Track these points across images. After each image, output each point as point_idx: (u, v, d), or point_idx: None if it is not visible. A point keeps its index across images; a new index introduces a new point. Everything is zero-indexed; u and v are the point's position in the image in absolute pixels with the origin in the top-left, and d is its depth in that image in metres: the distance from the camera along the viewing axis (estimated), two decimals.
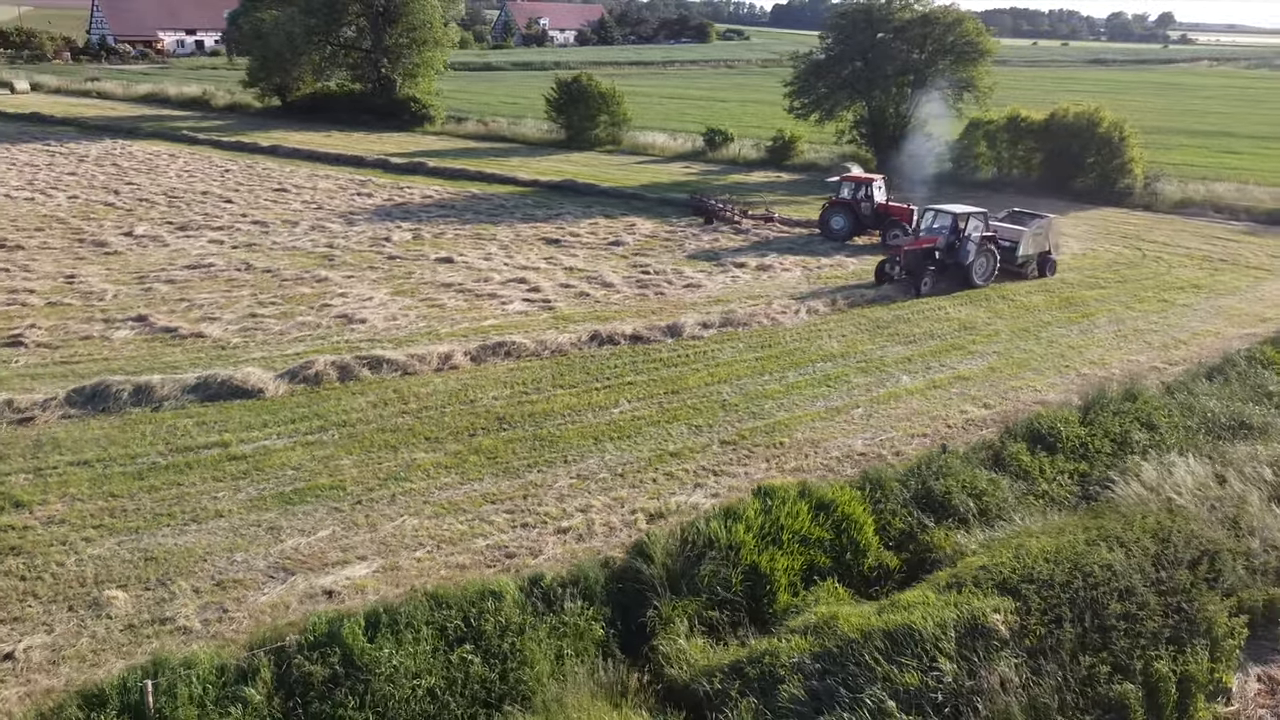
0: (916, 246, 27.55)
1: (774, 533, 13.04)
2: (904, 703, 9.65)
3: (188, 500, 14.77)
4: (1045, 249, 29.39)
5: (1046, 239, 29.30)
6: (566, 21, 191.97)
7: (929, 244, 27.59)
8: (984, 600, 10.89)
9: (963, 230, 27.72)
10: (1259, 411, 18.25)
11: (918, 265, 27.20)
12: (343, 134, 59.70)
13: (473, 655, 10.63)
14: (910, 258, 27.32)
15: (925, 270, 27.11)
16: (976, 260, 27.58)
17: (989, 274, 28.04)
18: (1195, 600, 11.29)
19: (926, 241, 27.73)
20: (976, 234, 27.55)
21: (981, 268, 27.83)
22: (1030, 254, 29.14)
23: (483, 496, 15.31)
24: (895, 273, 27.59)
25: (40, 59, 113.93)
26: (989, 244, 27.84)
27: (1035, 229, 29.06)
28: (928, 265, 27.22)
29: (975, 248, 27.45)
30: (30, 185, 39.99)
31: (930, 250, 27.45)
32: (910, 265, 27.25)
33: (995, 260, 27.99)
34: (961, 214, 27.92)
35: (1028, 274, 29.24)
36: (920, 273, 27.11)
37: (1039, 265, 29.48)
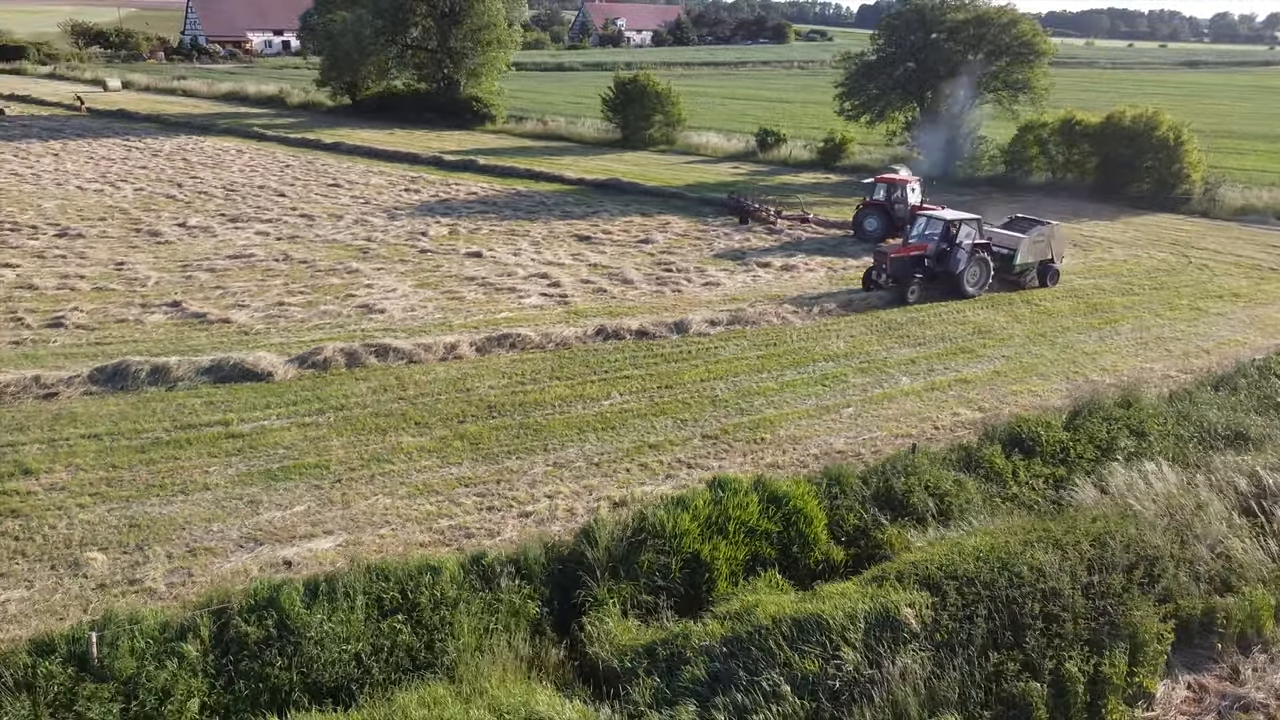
0: (904, 253, 26.69)
1: (720, 523, 13.29)
2: (800, 687, 9.87)
3: (180, 473, 15.67)
4: (1047, 257, 28.32)
5: (1048, 247, 28.23)
6: (644, 22, 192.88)
7: (918, 251, 26.78)
8: (901, 594, 11.00)
9: (954, 237, 26.78)
10: (1260, 422, 17.77)
11: (904, 273, 26.34)
12: (405, 132, 61.34)
13: (403, 625, 11.16)
14: (897, 265, 26.42)
15: (912, 278, 26.25)
16: (968, 269, 26.58)
17: (982, 283, 27.01)
18: (1124, 605, 11.21)
19: (916, 248, 26.90)
20: (968, 241, 26.64)
21: (974, 276, 26.82)
22: (1029, 262, 27.98)
23: (458, 480, 15.88)
24: (881, 280, 26.75)
25: (136, 58, 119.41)
26: (982, 252, 26.81)
27: (1035, 236, 27.90)
28: (914, 273, 26.36)
29: (967, 255, 26.48)
30: (103, 178, 42.18)
31: (919, 258, 26.63)
32: (897, 272, 26.37)
33: (989, 269, 26.96)
34: (953, 220, 26.98)
35: (1026, 283, 28.06)
36: (907, 280, 26.24)
37: (1039, 274, 28.29)
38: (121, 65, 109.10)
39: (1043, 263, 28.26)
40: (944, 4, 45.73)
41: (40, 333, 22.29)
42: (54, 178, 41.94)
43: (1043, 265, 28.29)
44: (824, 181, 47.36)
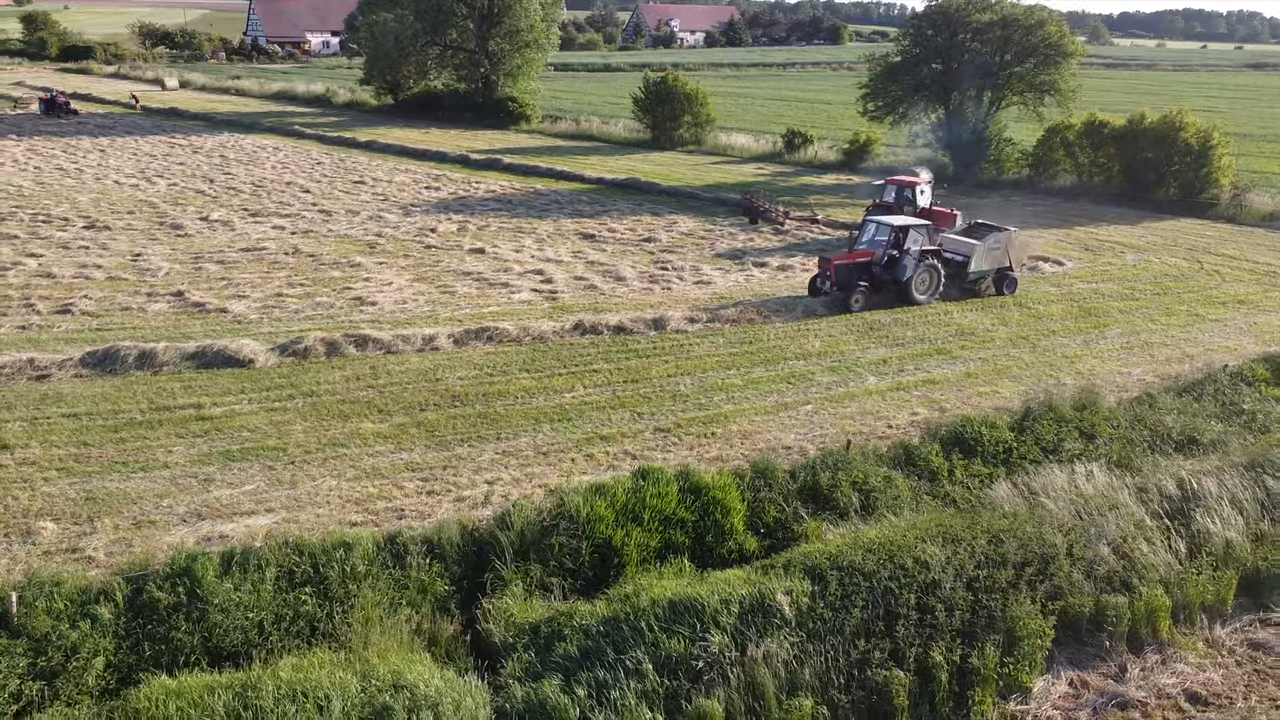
0: (848, 260, 26.03)
1: (636, 511, 13.67)
2: (661, 665, 10.22)
3: (145, 452, 16.51)
4: (1004, 265, 27.45)
5: (1005, 254, 27.35)
6: (697, 23, 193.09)
7: (864, 258, 26.17)
8: (781, 582, 11.28)
9: (902, 244, 26.10)
10: (1217, 429, 17.60)
11: (848, 280, 25.65)
12: (441, 131, 62.54)
13: (309, 597, 11.75)
14: (841, 272, 25.76)
15: (855, 286, 25.52)
16: (917, 276, 25.85)
17: (932, 290, 26.25)
18: (1007, 600, 11.35)
19: (861, 255, 26.28)
20: (916, 248, 25.95)
21: (924, 284, 26.05)
22: (985, 270, 27.17)
23: (406, 465, 16.48)
24: (825, 287, 26.05)
25: (198, 58, 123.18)
26: (931, 258, 26.05)
27: (991, 243, 27.08)
28: (858, 280, 25.65)
29: (914, 262, 25.76)
30: (141, 173, 43.88)
31: (866, 265, 26.03)
32: (841, 280, 25.69)
33: (939, 276, 26.19)
34: (900, 226, 26.32)
35: (981, 291, 27.25)
36: (851, 288, 25.52)
37: (996, 282, 27.48)
38: (184, 65, 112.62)
39: (1000, 270, 27.44)
40: (970, 4, 45.28)
41: (48, 319, 23.48)
42: (95, 173, 43.75)
43: (1000, 273, 27.47)
44: (845, 183, 47.25)
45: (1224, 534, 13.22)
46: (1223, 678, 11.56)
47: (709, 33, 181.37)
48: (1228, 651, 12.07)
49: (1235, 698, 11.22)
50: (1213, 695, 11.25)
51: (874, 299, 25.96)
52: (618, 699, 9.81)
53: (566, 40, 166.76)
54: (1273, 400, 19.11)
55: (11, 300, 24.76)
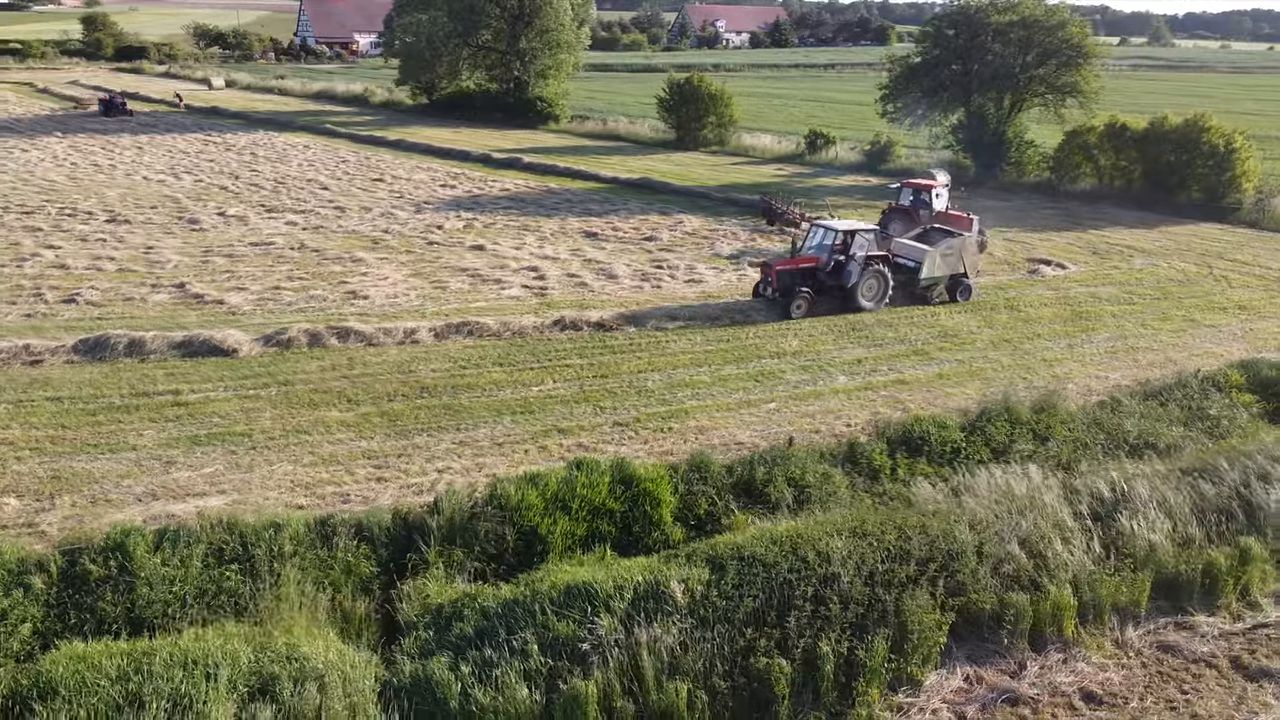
0: (790, 265, 25.44)
1: (566, 500, 14.01)
2: (546, 646, 10.55)
3: (117, 435, 17.24)
4: (959, 271, 26.66)
5: (960, 260, 26.60)
6: (744, 24, 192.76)
7: (808, 263, 25.51)
8: (679, 570, 11.55)
9: (848, 249, 25.58)
10: (1176, 433, 17.44)
11: (790, 286, 25.04)
12: (471, 130, 63.45)
13: (234, 573, 12.28)
14: (783, 278, 25.17)
15: (797, 292, 24.88)
16: (863, 282, 25.19)
17: (880, 297, 25.56)
18: (905, 595, 11.48)
19: (805, 260, 25.64)
20: (861, 253, 25.35)
21: (870, 290, 25.38)
22: (937, 276, 26.43)
23: (363, 452, 17.00)
24: (767, 293, 25.49)
25: (248, 59, 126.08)
26: (878, 264, 25.38)
27: (944, 249, 26.40)
28: (800, 286, 24.98)
29: (859, 268, 25.12)
30: (170, 169, 45.26)
31: (810, 270, 25.36)
32: (783, 285, 25.08)
33: (887, 282, 25.49)
34: (845, 231, 25.74)
35: (932, 298, 26.52)
36: (793, 294, 24.90)
37: (950, 289, 26.78)
38: (234, 65, 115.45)
39: (953, 277, 26.73)
40: (991, 5, 44.84)
41: (54, 307, 24.48)
42: (128, 169, 45.23)
43: (953, 280, 26.77)
44: (862, 184, 47.03)
45: (1147, 536, 13.16)
46: (1123, 678, 11.56)
47: (754, 34, 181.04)
48: (1135, 653, 12.05)
49: (1131, 698, 11.22)
50: (1108, 695, 11.27)
51: (820, 306, 25.27)
52: (500, 676, 10.15)
53: (611, 40, 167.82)
54: (1241, 406, 18.85)
55: (24, 289, 25.84)
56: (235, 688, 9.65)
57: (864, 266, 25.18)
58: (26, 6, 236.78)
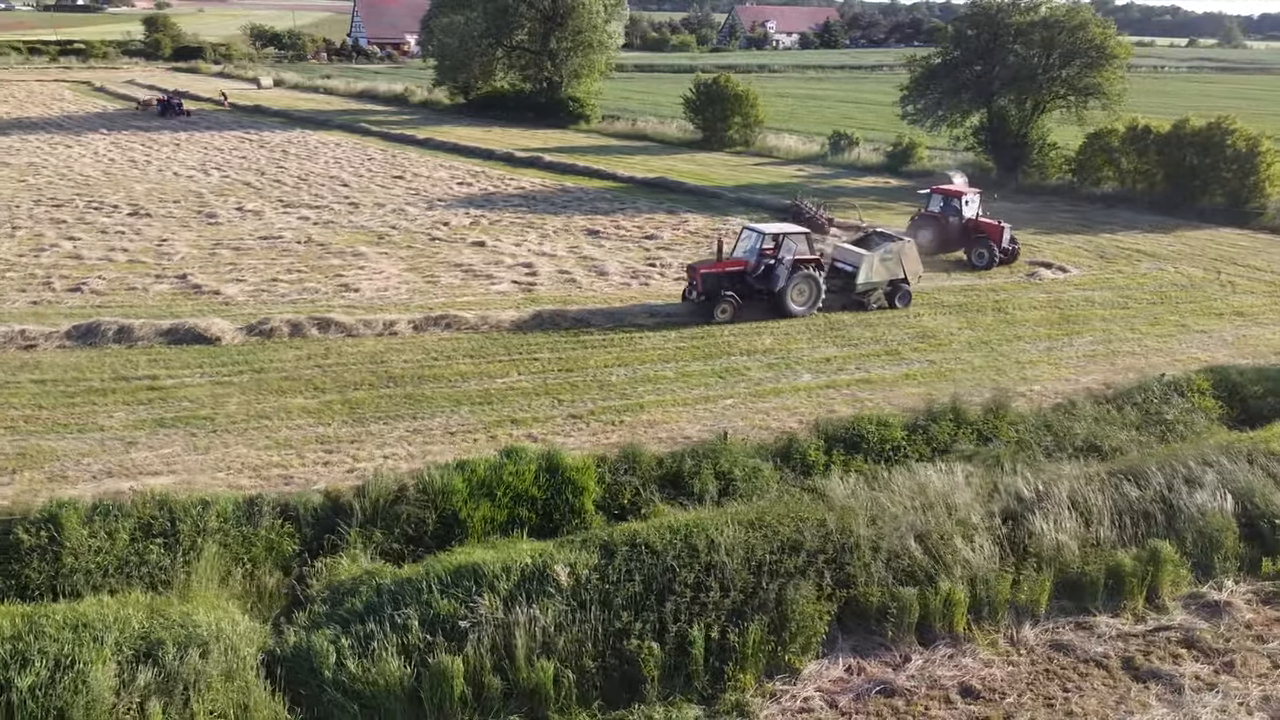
0: (716, 269, 24.79)
1: (491, 486, 14.44)
2: (427, 622, 10.96)
3: (89, 416, 18.07)
4: (898, 276, 26.05)
5: (899, 265, 25.97)
6: (795, 25, 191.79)
7: (735, 268, 24.93)
8: (570, 553, 11.88)
9: (776, 253, 24.92)
10: (1124, 437, 17.32)
11: (715, 290, 24.42)
12: (502, 129, 64.29)
13: (157, 547, 12.91)
14: (708, 281, 24.49)
15: (721, 296, 24.31)
16: (793, 286, 24.60)
17: (810, 303, 24.92)
18: (788, 584, 11.68)
19: (732, 264, 25.07)
20: (789, 257, 24.67)
21: (801, 295, 24.78)
22: (875, 282, 25.80)
23: (317, 438, 17.60)
24: (694, 297, 24.88)
25: (301, 59, 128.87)
26: (808, 269, 24.78)
27: (882, 254, 25.81)
28: (724, 290, 24.39)
29: (787, 273, 24.49)
30: (201, 166, 46.69)
31: (736, 274, 24.76)
32: (708, 289, 24.47)
33: (818, 287, 24.90)
34: (773, 234, 25.15)
35: (869, 304, 25.85)
36: (717, 298, 24.32)
37: (889, 295, 26.12)
38: (286, 65, 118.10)
39: (892, 282, 26.09)
40: (1012, 5, 44.29)
41: (60, 295, 25.57)
42: (160, 165, 46.77)
43: (892, 285, 26.12)
44: (881, 185, 46.80)
45: (1055, 537, 13.16)
46: (1007, 675, 11.62)
47: (803, 35, 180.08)
48: (1026, 650, 12.09)
49: (1010, 694, 11.28)
50: (987, 690, 11.34)
51: (748, 310, 24.70)
52: (375, 649, 10.58)
53: (660, 41, 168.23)
54: (1202, 411, 18.61)
55: (36, 278, 27.02)
56: (121, 650, 10.20)
57: (792, 270, 24.60)
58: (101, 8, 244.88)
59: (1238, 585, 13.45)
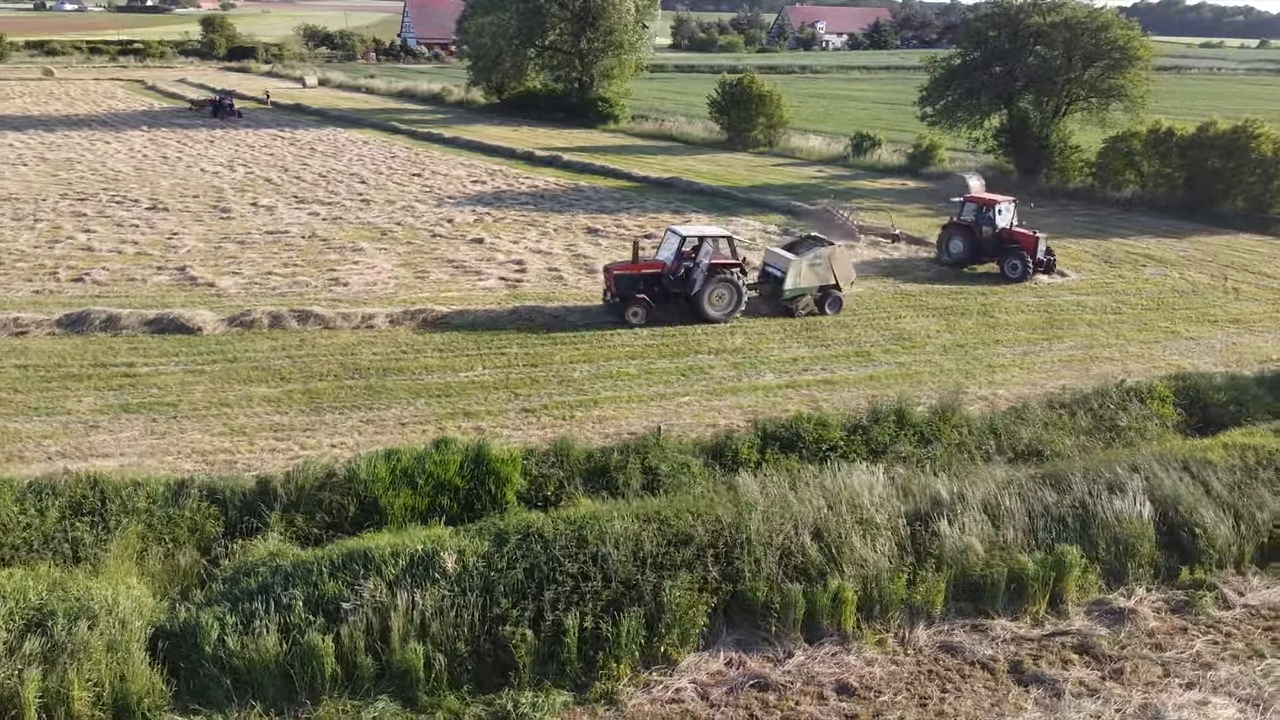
0: (631, 270, 24.52)
1: (414, 475, 14.79)
2: (311, 603, 11.32)
3: (60, 400, 18.82)
4: (829, 282, 25.49)
5: (829, 271, 25.37)
6: (845, 25, 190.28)
7: (652, 269, 24.62)
8: (461, 540, 12.16)
9: (694, 255, 24.50)
10: (1067, 442, 17.13)
11: (628, 292, 24.19)
12: (530, 129, 64.95)
13: (84, 525, 13.46)
14: (621, 283, 24.28)
15: (634, 298, 24.02)
16: (711, 290, 24.16)
17: (730, 307, 24.39)
18: (668, 576, 11.82)
19: (650, 266, 24.74)
20: (706, 260, 24.27)
21: (720, 299, 24.31)
22: (803, 287, 25.25)
23: (271, 425, 18.13)
24: (608, 298, 24.80)
25: (350, 59, 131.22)
26: (727, 272, 24.39)
27: (811, 259, 25.17)
28: (636, 293, 24.11)
29: (703, 276, 24.11)
30: (228, 162, 47.95)
31: (652, 276, 24.45)
32: (622, 291, 24.25)
33: (737, 291, 24.42)
34: (694, 236, 24.89)
35: (798, 310, 25.28)
36: (630, 300, 24.03)
37: (819, 301, 25.56)
38: (336, 65, 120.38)
39: (822, 288, 25.54)
40: (1032, 6, 43.61)
41: (62, 285, 26.54)
42: (190, 161, 48.13)
43: (823, 291, 25.57)
44: (897, 187, 46.39)
45: (960, 539, 13.10)
46: (887, 674, 11.62)
47: (853, 35, 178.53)
48: (914, 650, 12.06)
49: (885, 693, 11.29)
50: (864, 688, 11.35)
51: (665, 313, 24.45)
52: (257, 627, 10.96)
53: (708, 42, 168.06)
54: (1158, 418, 18.28)
55: (44, 268, 28.09)
56: (13, 620, 10.70)
57: (708, 274, 24.22)
58: (169, 9, 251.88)
59: (1149, 593, 13.24)
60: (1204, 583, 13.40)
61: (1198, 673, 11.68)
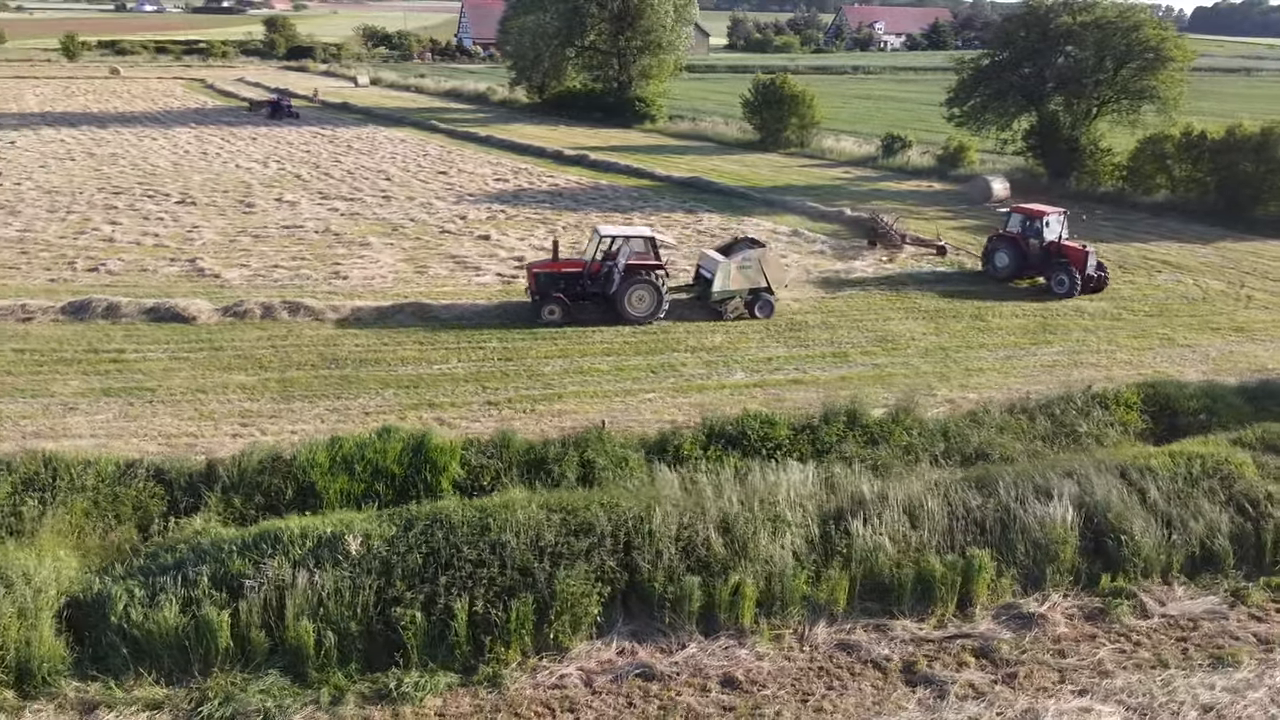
0: (551, 269, 24.53)
1: (352, 462, 15.23)
2: (216, 579, 11.78)
3: (49, 383, 19.67)
4: (760, 285, 25.01)
5: (760, 273, 24.91)
6: (904, 25, 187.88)
7: (572, 268, 24.59)
8: (369, 524, 12.53)
9: (614, 255, 24.31)
10: (1020, 447, 16.89)
11: (545, 290, 24.17)
12: (567, 128, 65.53)
13: (33, 499, 14.13)
14: (540, 280, 24.29)
15: (551, 296, 23.98)
16: (630, 291, 23.92)
17: (651, 308, 24.10)
18: (562, 566, 12.04)
19: (569, 264, 24.81)
20: (624, 260, 24.06)
21: (641, 302, 24.04)
22: (732, 290, 24.84)
23: (240, 412, 18.74)
24: (527, 294, 24.97)
25: (406, 58, 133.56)
26: (648, 273, 24.10)
27: (740, 262, 24.79)
28: (556, 291, 24.09)
29: (620, 277, 23.95)
30: (264, 159, 49.29)
31: (573, 275, 24.41)
32: (540, 288, 24.23)
33: (657, 292, 24.11)
34: (614, 236, 24.68)
35: (728, 313, 24.87)
36: (547, 298, 24.03)
37: (749, 305, 25.09)
38: (393, 65, 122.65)
39: (753, 291, 25.05)
40: (1063, 5, 42.74)
41: (78, 274, 27.65)
42: (226, 157, 49.58)
43: (753, 294, 25.07)
44: (923, 189, 45.80)
45: (872, 538, 13.07)
46: (776, 669, 11.68)
47: (910, 35, 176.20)
48: (811, 647, 12.09)
49: (769, 687, 11.36)
50: (750, 682, 11.44)
51: (587, 313, 24.36)
52: (161, 600, 11.45)
53: (763, 42, 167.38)
54: (1121, 425, 17.93)
55: (64, 258, 29.28)
56: None
57: (625, 275, 24.06)
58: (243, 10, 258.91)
59: (1064, 599, 13.07)
60: (1124, 591, 13.19)
61: (1094, 680, 11.52)
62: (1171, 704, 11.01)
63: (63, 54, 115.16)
